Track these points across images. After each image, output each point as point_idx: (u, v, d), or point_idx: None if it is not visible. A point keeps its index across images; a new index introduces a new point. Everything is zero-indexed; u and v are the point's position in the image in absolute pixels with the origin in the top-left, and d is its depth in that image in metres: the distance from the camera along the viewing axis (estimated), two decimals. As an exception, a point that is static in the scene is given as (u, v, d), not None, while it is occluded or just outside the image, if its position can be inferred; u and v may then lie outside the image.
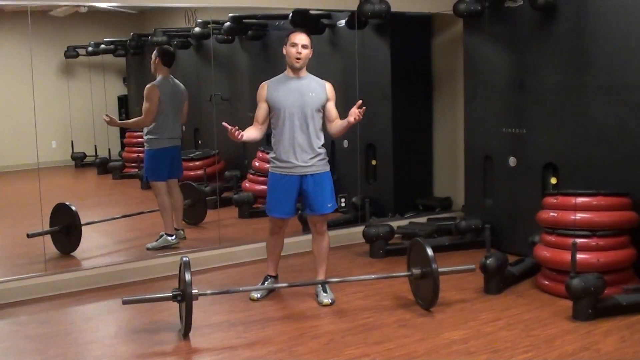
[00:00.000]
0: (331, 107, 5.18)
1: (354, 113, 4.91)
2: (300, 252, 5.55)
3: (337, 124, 5.14)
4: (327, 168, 5.23)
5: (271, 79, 5.20)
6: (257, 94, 5.20)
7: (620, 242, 5.20)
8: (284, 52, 5.09)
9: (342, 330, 4.71)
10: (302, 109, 5.06)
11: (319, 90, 5.14)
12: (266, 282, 5.42)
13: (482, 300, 5.28)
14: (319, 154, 5.14)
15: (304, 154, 5.08)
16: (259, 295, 5.33)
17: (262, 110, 5.16)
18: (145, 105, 6.54)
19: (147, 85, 6.60)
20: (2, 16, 8.08)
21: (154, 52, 6.71)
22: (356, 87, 7.44)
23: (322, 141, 5.19)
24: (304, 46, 5.03)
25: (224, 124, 4.87)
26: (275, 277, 5.48)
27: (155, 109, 6.52)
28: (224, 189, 8.60)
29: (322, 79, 5.24)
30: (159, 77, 6.65)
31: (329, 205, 5.21)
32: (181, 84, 6.88)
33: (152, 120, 6.55)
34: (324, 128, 5.22)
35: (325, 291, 5.29)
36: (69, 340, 4.71)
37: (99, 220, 7.23)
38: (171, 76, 6.73)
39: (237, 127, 4.86)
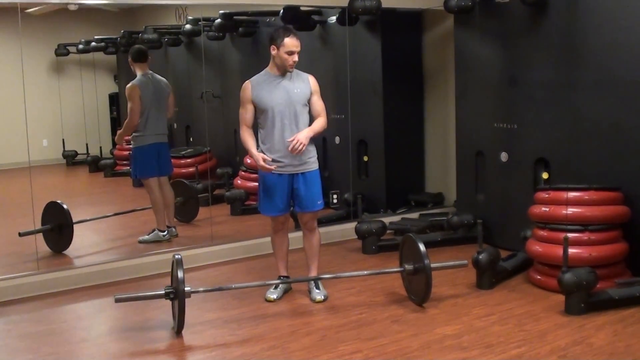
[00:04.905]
0: (315, 100, 5.10)
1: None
2: (293, 249, 5.56)
3: (315, 121, 5.11)
4: (317, 166, 5.18)
5: (253, 78, 5.09)
6: (240, 95, 5.08)
7: (612, 236, 5.21)
8: (273, 52, 4.95)
9: (335, 327, 4.71)
10: (290, 106, 4.98)
11: (303, 85, 5.06)
12: (280, 285, 5.34)
13: (475, 296, 5.29)
14: (309, 152, 5.10)
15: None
16: (275, 297, 5.26)
17: (249, 112, 5.06)
18: (129, 105, 6.61)
19: (127, 85, 6.68)
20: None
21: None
22: (347, 84, 7.45)
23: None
24: (298, 52, 4.95)
25: (265, 165, 4.88)
26: (288, 277, 5.40)
27: (138, 107, 6.57)
28: (216, 186, 8.61)
29: (313, 75, 5.19)
30: (138, 75, 6.69)
31: (318, 203, 5.18)
32: (163, 78, 6.90)
33: (138, 119, 6.59)
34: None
35: (318, 288, 5.27)
36: (61, 339, 4.70)
37: (91, 219, 7.23)
38: (150, 72, 6.76)
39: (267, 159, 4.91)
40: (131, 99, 6.57)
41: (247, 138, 5.06)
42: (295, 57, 4.93)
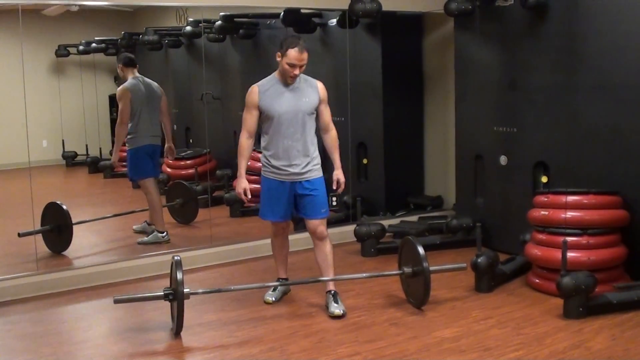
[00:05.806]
0: (323, 109, 5.03)
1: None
2: (293, 251, 5.55)
3: (330, 145, 5.12)
4: (321, 173, 5.09)
5: (261, 82, 4.98)
6: (246, 98, 4.97)
7: (610, 240, 5.22)
8: (278, 59, 4.85)
9: (333, 329, 4.72)
10: (298, 115, 4.89)
11: (311, 93, 4.97)
12: (279, 287, 5.32)
13: (473, 299, 5.29)
14: (314, 159, 5.03)
15: (299, 160, 4.94)
16: (273, 299, 5.25)
17: (254, 117, 4.94)
18: (119, 107, 6.69)
19: (118, 88, 6.78)
20: (-7, 15, 8.07)
21: None
22: (347, 86, 7.46)
23: (316, 145, 5.05)
24: (301, 67, 4.83)
25: (246, 198, 4.94)
26: (287, 280, 5.39)
27: (128, 109, 6.65)
28: (215, 188, 8.60)
29: (313, 77, 5.16)
30: (128, 79, 6.77)
31: (322, 211, 5.05)
32: (153, 82, 6.94)
33: (127, 120, 6.67)
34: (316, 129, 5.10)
35: (336, 301, 5.01)
36: (60, 340, 4.70)
37: (90, 220, 7.22)
38: (141, 76, 6.82)
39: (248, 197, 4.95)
40: (121, 100, 6.66)
41: (243, 153, 5.00)
42: (297, 71, 4.81)
